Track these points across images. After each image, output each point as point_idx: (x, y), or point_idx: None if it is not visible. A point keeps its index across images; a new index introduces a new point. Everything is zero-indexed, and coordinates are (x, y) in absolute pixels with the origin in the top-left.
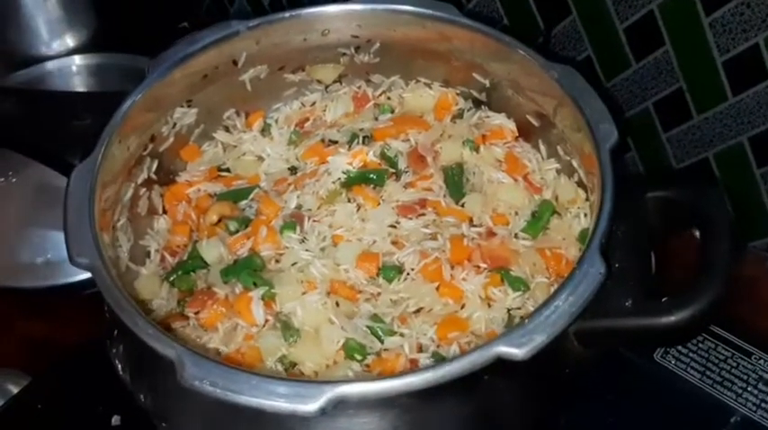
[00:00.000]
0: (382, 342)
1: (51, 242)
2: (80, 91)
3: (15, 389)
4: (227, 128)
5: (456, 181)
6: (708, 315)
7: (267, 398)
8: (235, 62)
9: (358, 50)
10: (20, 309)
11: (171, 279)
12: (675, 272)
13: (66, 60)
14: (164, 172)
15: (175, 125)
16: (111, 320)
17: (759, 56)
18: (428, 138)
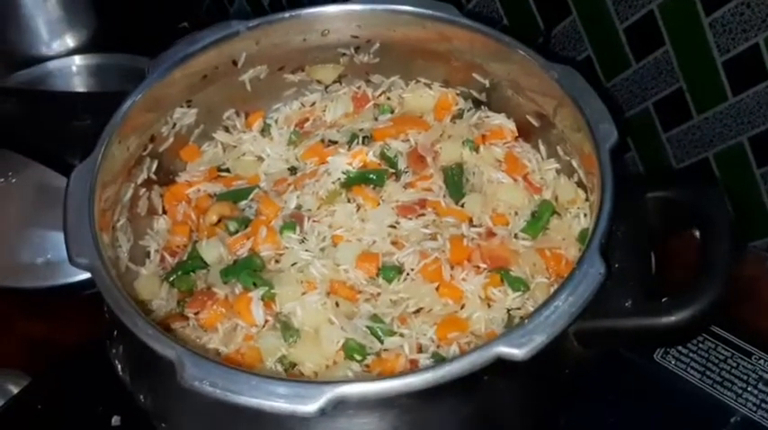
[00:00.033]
0: (382, 342)
1: (51, 242)
2: (80, 91)
3: (15, 389)
4: (226, 128)
5: (456, 181)
6: (708, 315)
7: (267, 398)
8: (234, 62)
9: (358, 51)
10: (20, 310)
11: (171, 279)
12: (675, 272)
13: (66, 60)
14: (163, 172)
15: (175, 125)
16: (110, 321)
17: (759, 56)
18: (428, 138)
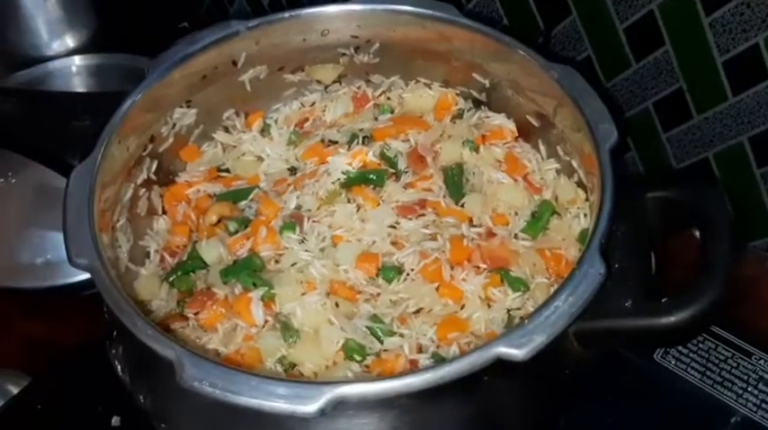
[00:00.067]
0: (382, 342)
1: (51, 243)
2: (80, 91)
3: (15, 389)
4: (226, 128)
5: (456, 181)
6: (708, 315)
7: (266, 398)
8: (234, 62)
9: (357, 51)
10: (19, 310)
11: (170, 279)
12: (675, 272)
13: (66, 61)
14: (163, 172)
15: (175, 125)
16: (110, 321)
17: (759, 56)
18: (428, 138)
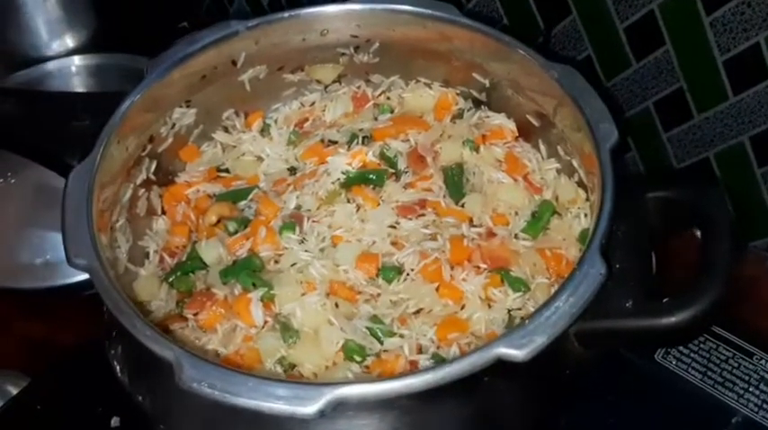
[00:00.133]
0: (382, 343)
1: (50, 243)
2: (79, 91)
3: (14, 390)
4: (226, 128)
5: (456, 181)
6: (709, 315)
7: (266, 400)
8: (234, 62)
9: (357, 50)
10: (19, 310)
11: (170, 280)
12: (676, 272)
13: (65, 61)
14: (163, 172)
15: (174, 125)
16: (109, 322)
17: (760, 55)
18: (428, 138)
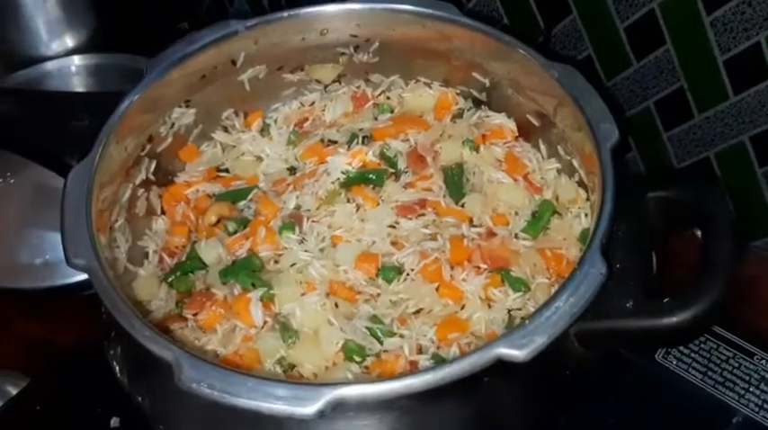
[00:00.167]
0: (382, 343)
1: (50, 243)
2: (77, 91)
3: (14, 390)
4: (225, 128)
5: (456, 181)
6: (710, 315)
7: (265, 400)
8: (233, 62)
9: (357, 50)
10: (18, 310)
11: (169, 280)
12: (677, 272)
13: (65, 61)
14: (162, 172)
15: (174, 125)
16: (108, 322)
17: (760, 55)
18: (428, 137)
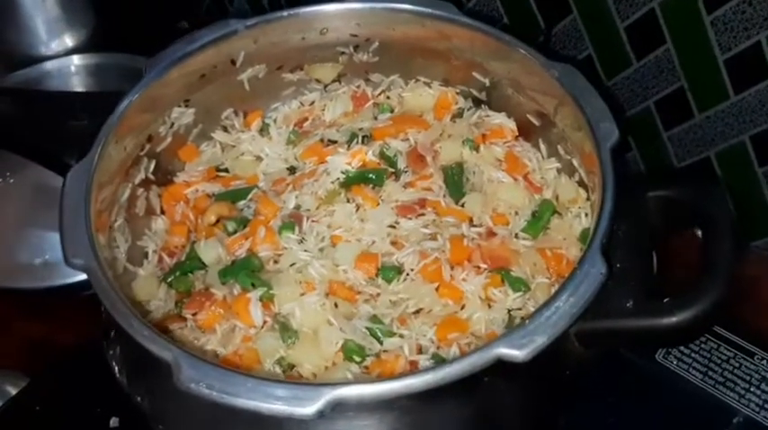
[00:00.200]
0: (381, 343)
1: (49, 243)
2: (76, 91)
3: (14, 390)
4: (225, 128)
5: (456, 180)
6: (710, 315)
7: (264, 400)
8: (233, 61)
9: (357, 49)
10: (18, 310)
11: (169, 280)
12: (677, 271)
13: (64, 60)
14: (161, 172)
15: (173, 125)
16: (107, 322)
17: (761, 54)
18: (428, 137)
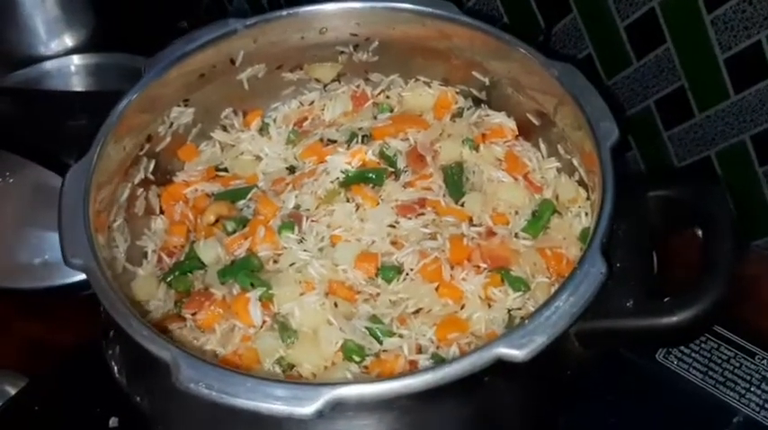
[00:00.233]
0: (381, 343)
1: (49, 243)
2: (76, 91)
3: (13, 390)
4: (224, 127)
5: (455, 180)
6: (711, 315)
7: (263, 400)
8: (232, 61)
9: (357, 49)
10: (17, 310)
11: (168, 280)
12: (677, 271)
13: (64, 60)
14: (161, 172)
15: (172, 125)
16: (106, 322)
17: (761, 53)
18: (427, 137)
